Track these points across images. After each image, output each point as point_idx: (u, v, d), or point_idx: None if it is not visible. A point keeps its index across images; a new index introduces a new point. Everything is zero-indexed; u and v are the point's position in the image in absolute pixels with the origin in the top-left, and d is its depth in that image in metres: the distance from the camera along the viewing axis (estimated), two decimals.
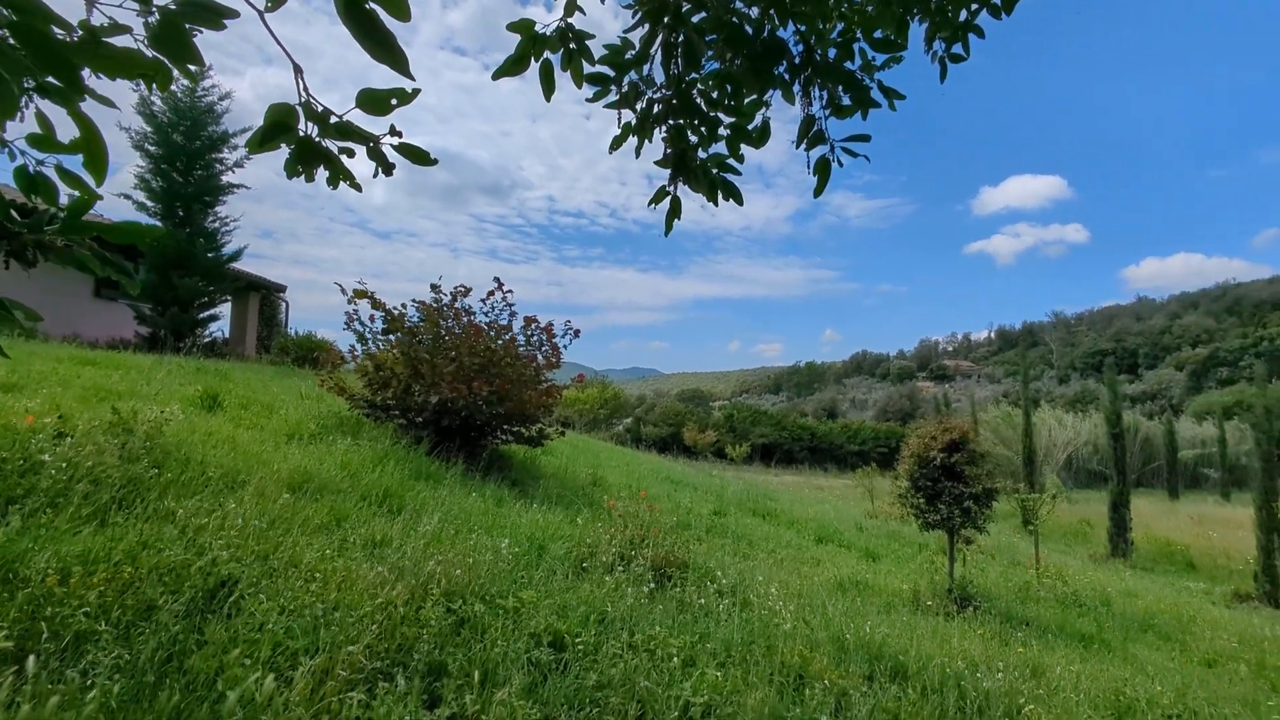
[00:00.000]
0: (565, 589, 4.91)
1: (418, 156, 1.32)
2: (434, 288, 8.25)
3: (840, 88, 1.98)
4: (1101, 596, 9.79)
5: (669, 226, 2.10)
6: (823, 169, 2.05)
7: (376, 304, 7.96)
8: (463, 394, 7.38)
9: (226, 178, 15.94)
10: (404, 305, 8.14)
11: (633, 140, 2.06)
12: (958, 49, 2.71)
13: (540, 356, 8.59)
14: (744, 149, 2.11)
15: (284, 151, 1.35)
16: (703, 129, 2.03)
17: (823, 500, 19.20)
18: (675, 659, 4.07)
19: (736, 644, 4.60)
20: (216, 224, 15.67)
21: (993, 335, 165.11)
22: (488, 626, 3.94)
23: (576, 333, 8.87)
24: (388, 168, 1.31)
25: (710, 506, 10.62)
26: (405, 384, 7.62)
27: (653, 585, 5.29)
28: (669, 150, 2.03)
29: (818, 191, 2.07)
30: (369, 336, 8.12)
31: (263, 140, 1.28)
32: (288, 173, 1.30)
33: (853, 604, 6.63)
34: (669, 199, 2.08)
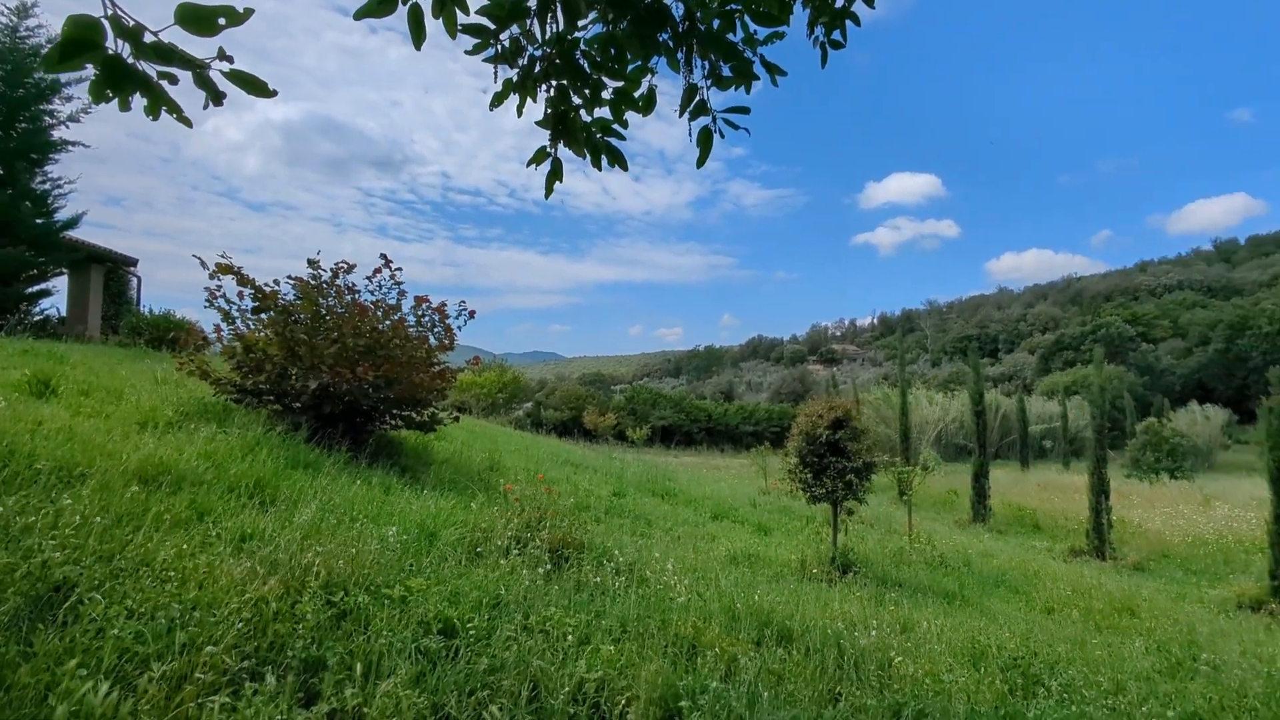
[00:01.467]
0: (458, 575, 4.78)
1: (253, 86, 1.16)
2: (312, 263, 7.66)
3: (722, 59, 1.99)
4: (964, 558, 10.77)
5: (549, 189, 2.04)
6: (705, 140, 2.06)
7: (244, 280, 7.28)
8: (347, 377, 6.94)
9: (59, 133, 13.97)
10: (276, 282, 7.51)
11: (515, 100, 1.98)
12: (837, 35, 2.80)
13: (433, 338, 8.22)
14: (658, 136, 2.10)
15: (136, 105, 1.16)
16: (586, 91, 1.98)
17: (719, 479, 19.86)
18: (570, 638, 4.07)
19: (632, 620, 4.66)
20: (47, 186, 13.73)
21: (876, 321, 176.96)
22: (372, 617, 3.77)
23: (472, 314, 8.57)
24: (217, 96, 1.15)
25: (610, 488, 10.69)
26: (280, 367, 7.05)
27: (549, 567, 5.25)
28: (549, 110, 1.96)
29: (700, 162, 2.09)
30: (237, 316, 7.42)
31: (61, 57, 1.08)
32: (93, 97, 1.11)
33: (744, 575, 6.90)
34: (550, 160, 2.01)
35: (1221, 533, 16.22)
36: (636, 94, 2.05)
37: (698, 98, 2.03)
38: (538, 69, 1.93)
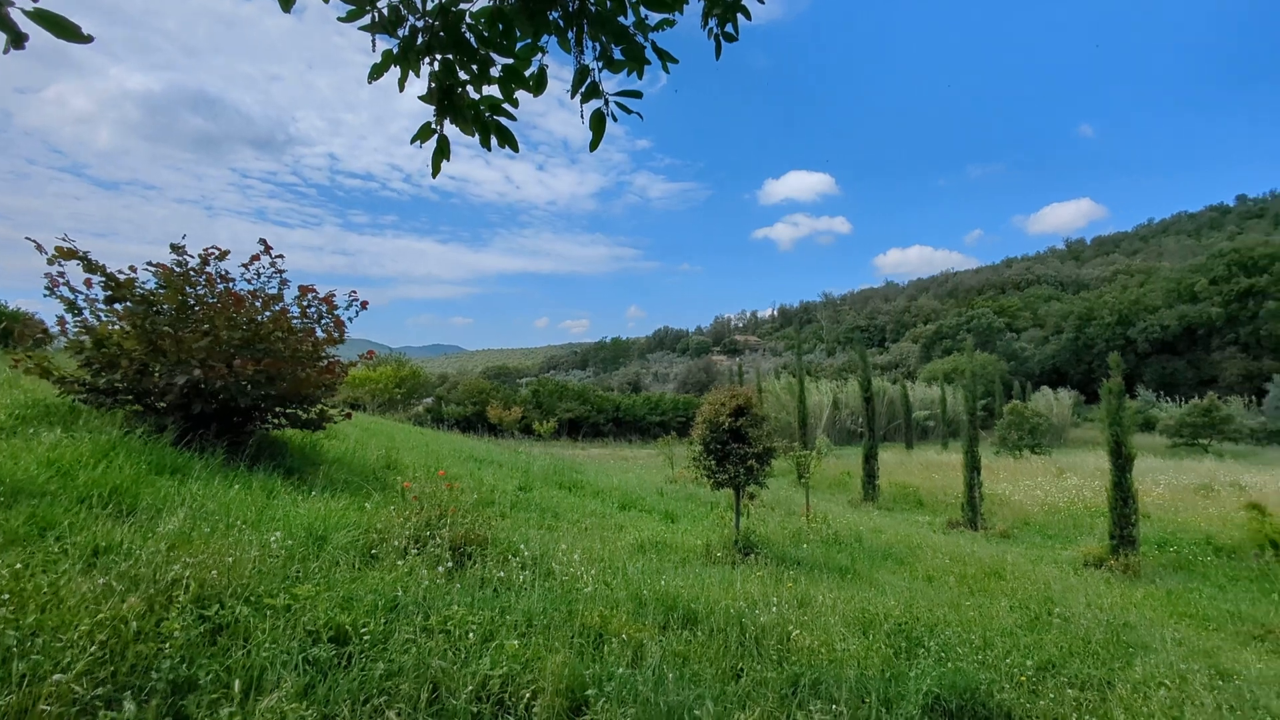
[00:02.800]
0: (351, 579, 4.55)
1: (63, 30, 0.99)
2: (176, 248, 6.93)
3: (613, 41, 1.97)
4: (856, 534, 11.44)
5: (435, 167, 1.94)
6: (598, 122, 2.04)
7: (92, 266, 6.48)
8: (221, 373, 6.37)
9: None
10: (133, 269, 6.75)
11: (396, 73, 1.86)
12: (730, 29, 2.86)
13: (320, 330, 7.69)
14: (561, 125, 2.03)
15: None
16: (474, 67, 1.90)
17: (627, 470, 20.03)
18: (473, 636, 3.97)
19: (538, 613, 4.61)
20: None
21: (776, 313, 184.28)
22: (253, 630, 3.51)
23: (363, 305, 8.10)
24: (17, 38, 0.98)
25: (516, 482, 10.50)
26: (140, 363, 6.36)
27: (451, 565, 5.09)
28: (433, 85, 1.86)
29: (593, 145, 2.06)
30: (84, 306, 6.59)
31: None
32: None
33: (651, 563, 6.99)
34: (436, 138, 1.91)
35: (1072, 501, 18.20)
36: (527, 73, 1.99)
37: (589, 80, 1.99)
38: (420, 41, 1.83)
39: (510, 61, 1.94)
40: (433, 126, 1.91)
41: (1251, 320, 69.63)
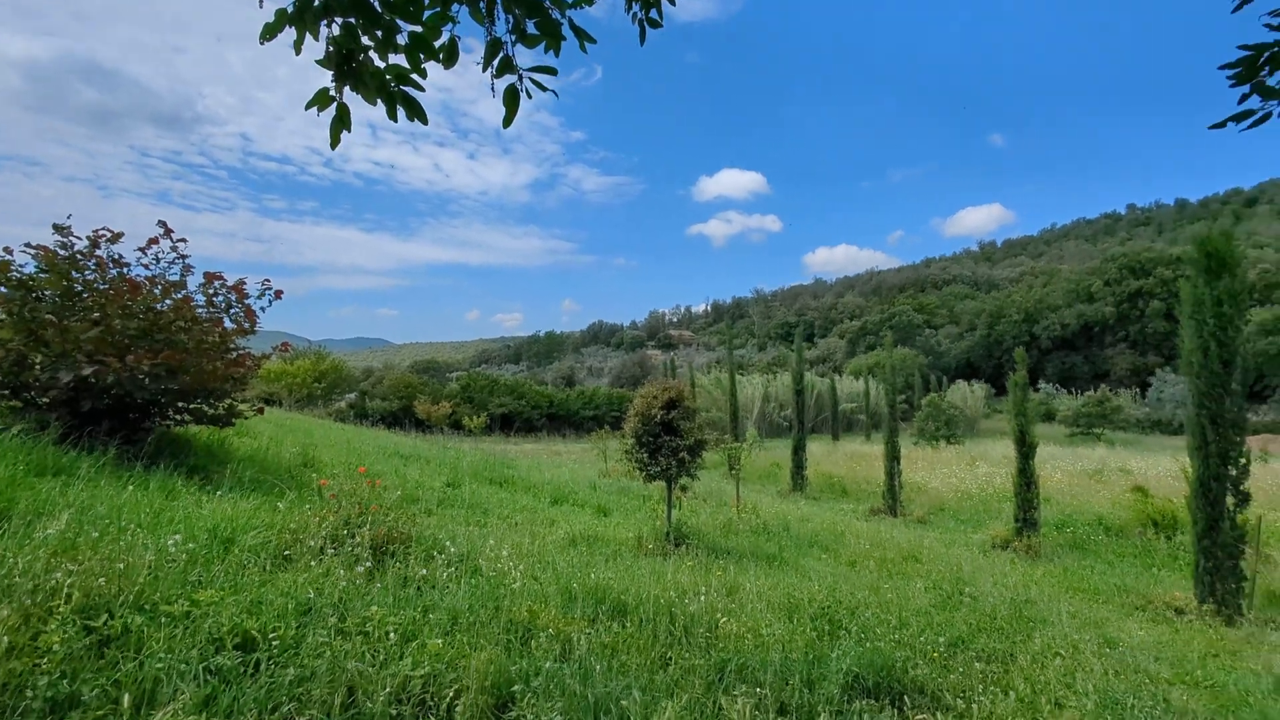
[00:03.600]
0: (261, 583, 4.30)
1: None
2: (60, 229, 6.32)
3: (526, 15, 1.91)
4: (784, 523, 11.75)
5: (334, 137, 1.82)
6: (511, 98, 1.97)
7: None
8: (115, 366, 5.87)
9: None
10: (9, 250, 6.12)
11: (291, 34, 1.73)
12: (654, 15, 2.84)
13: (229, 321, 7.21)
14: (493, 114, 1.92)
15: None
16: (378, 33, 1.79)
17: (560, 465, 19.88)
18: (393, 636, 3.82)
19: (464, 611, 4.49)
20: None
21: (709, 308, 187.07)
22: (147, 640, 3.27)
23: (278, 294, 7.64)
24: None
25: (443, 479, 10.22)
26: (17, 355, 5.77)
27: (370, 565, 4.89)
28: (331, 49, 1.74)
29: (506, 121, 2.00)
30: None
31: None
32: None
33: (582, 556, 6.95)
34: (335, 106, 1.80)
35: (983, 487, 19.34)
36: (437, 43, 1.90)
37: (502, 54, 1.92)
38: (318, 1, 1.71)
39: (418, 29, 1.84)
40: (331, 94, 1.79)
41: (1139, 319, 76.01)
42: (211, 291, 7.15)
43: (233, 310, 7.25)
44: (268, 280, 7.52)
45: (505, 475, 12.33)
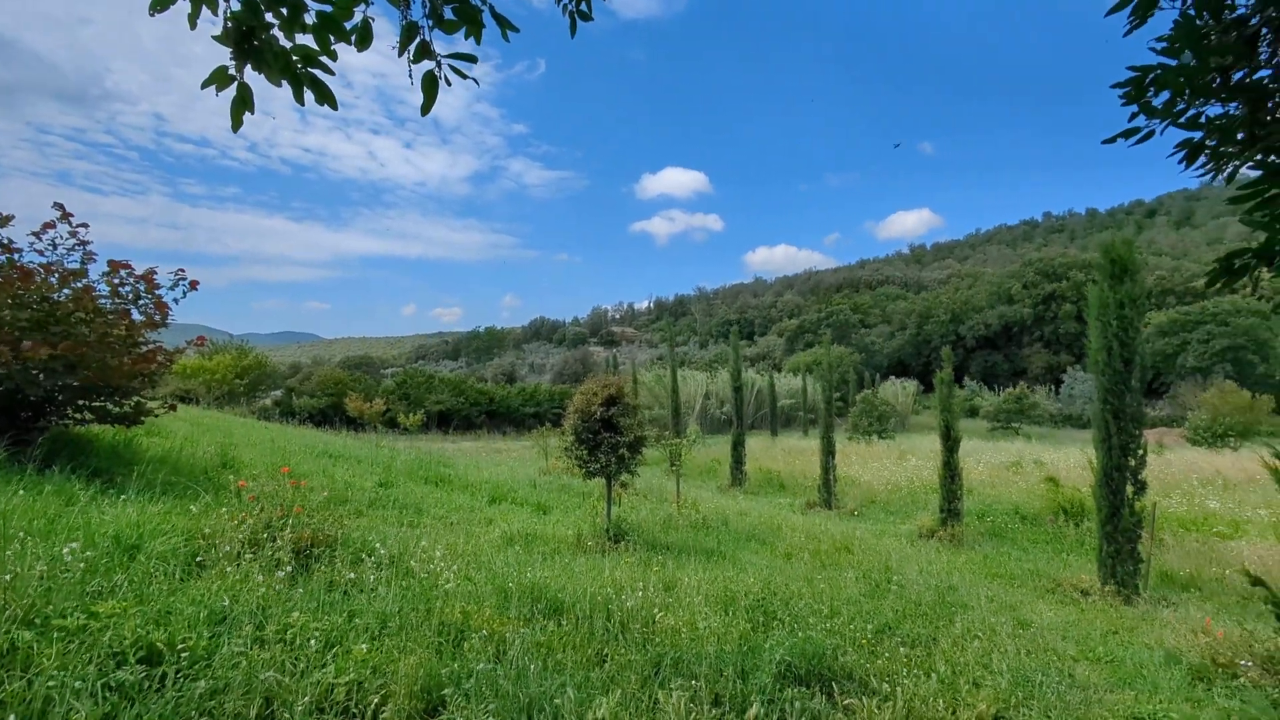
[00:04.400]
0: (170, 591, 4.05)
1: None
2: None
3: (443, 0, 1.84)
4: (723, 518, 11.93)
5: (236, 119, 1.71)
6: (429, 85, 1.90)
7: None
8: (5, 358, 5.39)
9: None
10: None
11: (186, 7, 1.60)
12: (585, 7, 2.81)
13: (137, 313, 6.73)
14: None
15: None
16: (283, 10, 1.69)
17: (500, 463, 19.57)
18: (315, 643, 3.66)
19: (393, 614, 4.36)
20: None
21: (652, 305, 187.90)
22: (36, 656, 3.02)
23: (193, 284, 7.18)
24: None
25: (375, 478, 9.88)
26: None
27: (293, 569, 4.67)
28: (230, 24, 1.63)
29: (424, 109, 1.92)
30: None
31: None
32: None
33: (520, 555, 6.85)
34: (236, 85, 1.68)
35: (912, 480, 20.16)
36: (348, 24, 1.81)
37: (419, 38, 1.84)
38: None
39: (327, 9, 1.74)
40: (230, 72, 1.67)
41: (1054, 320, 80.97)
42: (117, 281, 6.65)
43: (142, 301, 6.77)
44: (182, 270, 7.06)
45: (441, 474, 12.03)
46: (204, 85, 1.66)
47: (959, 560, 10.63)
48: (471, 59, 1.91)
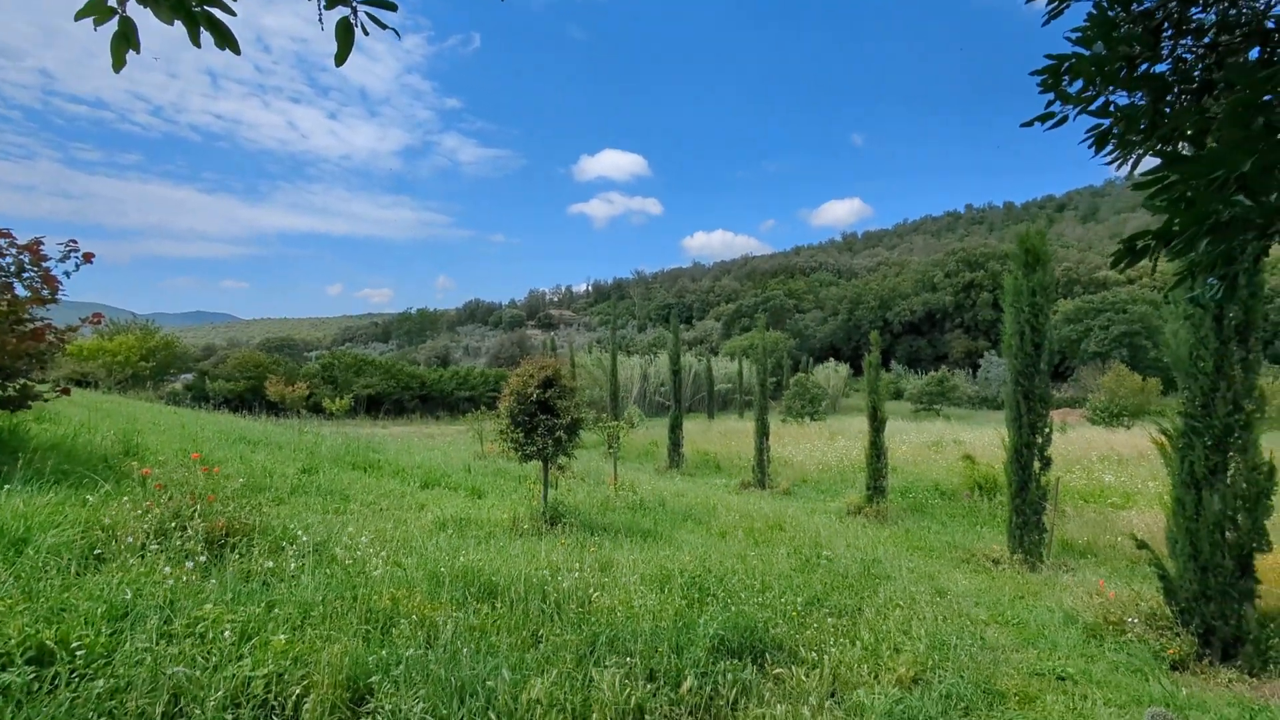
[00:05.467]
0: (64, 587, 3.76)
1: None
2: None
3: None
4: (660, 499, 12.04)
5: (117, 58, 1.54)
6: (344, 33, 1.78)
7: None
8: None
9: None
10: None
11: None
12: None
13: (21, 287, 6.14)
14: (359, 73, 1.68)
15: None
16: None
17: (433, 447, 19.09)
18: (229, 635, 3.47)
19: (316, 603, 4.18)
20: None
21: (591, 289, 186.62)
22: None
23: (87, 257, 6.59)
24: None
25: (298, 465, 9.44)
26: None
27: (205, 560, 4.41)
28: None
29: (339, 59, 1.80)
30: None
31: None
32: None
33: (452, 540, 6.70)
34: (118, 20, 1.51)
35: (841, 459, 20.95)
36: None
37: None
38: None
39: None
40: (110, 3, 1.49)
41: (973, 307, 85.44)
42: None
43: (26, 275, 6.16)
44: (74, 241, 6.46)
45: (370, 460, 11.63)
46: (78, 16, 1.47)
47: (884, 535, 11.13)
48: (391, 6, 1.79)
